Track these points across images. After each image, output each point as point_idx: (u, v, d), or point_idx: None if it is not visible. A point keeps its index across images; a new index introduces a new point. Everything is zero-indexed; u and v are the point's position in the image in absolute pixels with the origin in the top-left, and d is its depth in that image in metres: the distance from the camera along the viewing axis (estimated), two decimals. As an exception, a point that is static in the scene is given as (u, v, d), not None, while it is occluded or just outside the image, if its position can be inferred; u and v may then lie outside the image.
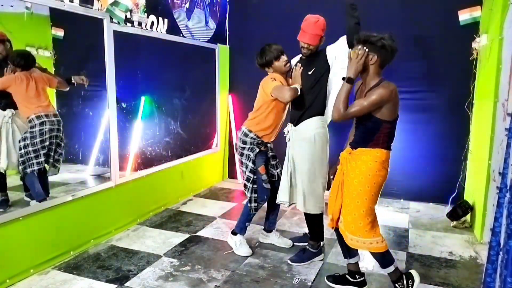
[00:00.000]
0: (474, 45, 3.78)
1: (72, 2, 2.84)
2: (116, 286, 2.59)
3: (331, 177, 2.68)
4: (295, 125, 2.88)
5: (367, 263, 2.97)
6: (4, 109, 2.98)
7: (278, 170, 3.14)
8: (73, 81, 3.23)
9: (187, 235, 3.42)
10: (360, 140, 2.36)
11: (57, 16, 3.20)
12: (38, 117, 3.01)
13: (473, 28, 3.82)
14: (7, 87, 2.92)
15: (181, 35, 4.22)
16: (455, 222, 3.67)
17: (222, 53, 4.96)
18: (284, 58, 2.95)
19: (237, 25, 5.05)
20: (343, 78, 2.28)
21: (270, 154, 3.12)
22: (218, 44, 4.88)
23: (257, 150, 2.99)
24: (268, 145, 3.09)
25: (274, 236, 3.28)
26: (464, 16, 3.84)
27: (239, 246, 3.11)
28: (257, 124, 2.98)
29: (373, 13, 4.36)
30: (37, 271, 2.72)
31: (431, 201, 4.34)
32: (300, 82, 2.83)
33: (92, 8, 3.01)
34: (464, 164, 4.04)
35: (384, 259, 2.39)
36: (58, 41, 3.32)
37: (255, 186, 3.01)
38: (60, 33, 3.37)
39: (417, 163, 4.35)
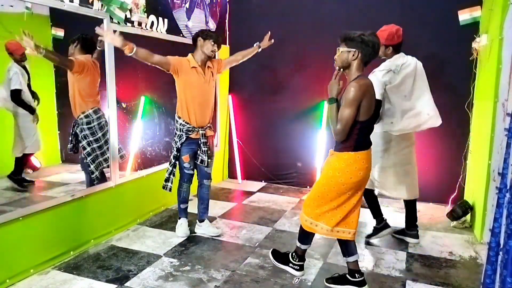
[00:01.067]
0: (474, 45, 3.78)
1: (72, 2, 2.84)
2: (116, 286, 2.59)
3: None
4: None
5: (367, 263, 2.97)
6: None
7: (207, 159, 3.24)
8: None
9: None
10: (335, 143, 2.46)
11: (57, 16, 3.20)
12: (95, 111, 3.16)
13: (473, 28, 3.82)
14: (82, 70, 3.04)
15: (181, 35, 4.22)
16: (455, 222, 3.67)
17: (222, 53, 4.96)
18: (215, 46, 3.12)
19: (237, 25, 5.05)
20: (330, 100, 2.37)
21: (202, 140, 3.20)
22: (218, 44, 4.87)
23: (184, 138, 3.15)
24: (201, 131, 3.17)
25: (205, 225, 3.44)
26: (464, 16, 3.84)
27: (178, 227, 3.41)
28: (179, 107, 3.17)
29: (373, 13, 4.36)
30: (37, 271, 2.72)
31: (431, 201, 4.34)
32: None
33: (92, 8, 3.01)
34: (464, 164, 4.04)
35: (304, 236, 2.63)
36: (58, 41, 3.32)
37: (174, 169, 3.25)
38: (60, 33, 3.37)
39: (417, 163, 4.34)
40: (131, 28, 3.43)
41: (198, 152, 3.23)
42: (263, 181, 5.11)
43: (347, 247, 2.54)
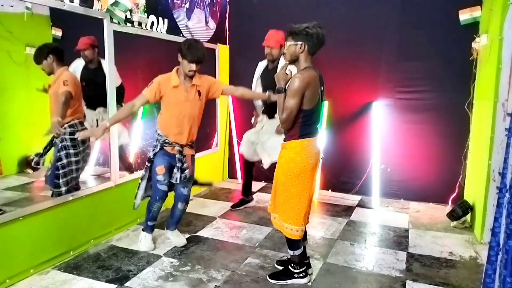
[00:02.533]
0: (474, 45, 3.78)
1: (72, 2, 2.84)
2: (116, 286, 2.59)
3: None
4: (269, 117, 3.59)
5: (367, 263, 2.97)
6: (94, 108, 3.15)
7: (181, 175, 2.90)
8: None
9: (187, 235, 3.41)
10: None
11: (57, 16, 3.20)
12: (81, 123, 3.13)
13: (473, 28, 3.82)
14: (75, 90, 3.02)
15: (181, 35, 4.22)
16: (455, 222, 3.67)
17: (222, 53, 4.96)
18: (192, 66, 2.81)
19: (237, 25, 5.05)
20: (277, 90, 2.43)
21: (178, 157, 2.91)
22: (218, 44, 4.88)
23: (158, 149, 2.94)
24: (176, 147, 2.91)
25: (174, 234, 3.25)
26: (464, 16, 3.85)
27: (141, 239, 3.15)
28: (159, 119, 3.01)
29: (373, 13, 4.37)
30: (37, 271, 2.72)
31: (431, 201, 4.34)
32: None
33: (92, 8, 3.01)
34: (464, 164, 4.04)
35: (292, 244, 2.58)
36: (58, 41, 3.32)
37: (144, 183, 3.02)
38: (58, 33, 3.37)
39: (417, 163, 4.35)
40: (131, 28, 3.43)
41: (174, 170, 2.92)
42: (263, 181, 5.10)
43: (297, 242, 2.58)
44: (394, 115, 4.36)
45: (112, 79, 3.27)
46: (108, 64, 3.22)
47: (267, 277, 2.70)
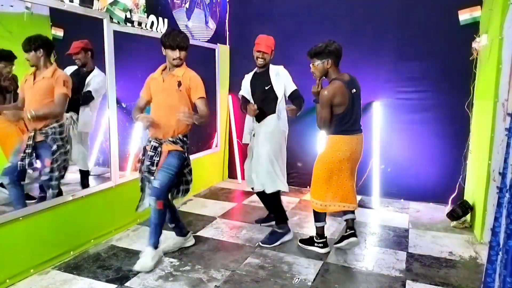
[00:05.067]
0: (474, 45, 3.78)
1: (72, 2, 2.84)
2: (116, 286, 2.59)
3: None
4: (258, 122, 3.32)
5: (367, 263, 2.97)
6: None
7: (148, 174, 2.83)
8: None
9: (187, 235, 3.41)
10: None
11: (57, 16, 3.20)
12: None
13: (473, 28, 3.82)
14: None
15: (181, 35, 4.21)
16: (455, 222, 3.67)
17: (222, 53, 4.96)
18: (175, 53, 2.77)
19: (237, 25, 5.06)
20: (314, 101, 2.94)
21: (150, 153, 2.82)
22: (218, 44, 4.88)
23: (143, 150, 2.93)
24: (154, 143, 2.83)
25: (145, 252, 2.88)
26: (464, 16, 3.84)
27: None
28: None
29: (373, 13, 4.37)
30: (37, 271, 2.72)
31: (431, 201, 4.34)
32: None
33: (92, 8, 3.01)
34: (464, 164, 4.04)
35: (315, 215, 3.10)
36: (58, 41, 3.32)
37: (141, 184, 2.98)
38: (60, 33, 3.37)
39: (417, 163, 4.35)
40: (131, 28, 3.43)
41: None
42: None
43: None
44: (394, 115, 4.36)
45: (112, 79, 3.27)
46: (108, 64, 3.22)
47: (298, 241, 3.24)
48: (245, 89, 3.44)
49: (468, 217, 3.68)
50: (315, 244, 3.14)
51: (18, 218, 2.59)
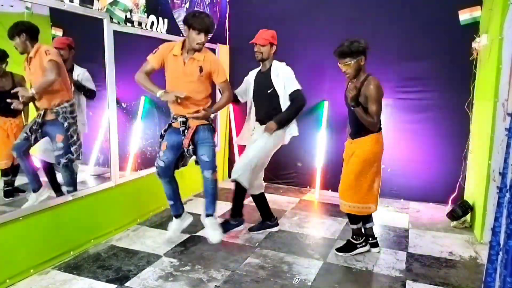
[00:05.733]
0: (474, 45, 3.78)
1: (72, 2, 2.84)
2: (116, 286, 2.59)
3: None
4: (261, 124, 3.33)
5: (367, 263, 2.97)
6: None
7: (188, 149, 2.94)
8: None
9: (187, 235, 3.41)
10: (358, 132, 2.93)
11: (57, 16, 3.20)
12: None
13: (473, 28, 3.82)
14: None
15: (181, 35, 4.21)
16: (455, 222, 3.67)
17: (222, 53, 4.96)
18: (201, 37, 2.75)
19: (237, 25, 5.05)
20: (353, 106, 2.80)
21: (181, 129, 2.93)
22: (218, 44, 4.88)
23: (167, 126, 3.02)
24: (180, 119, 2.91)
25: (208, 223, 3.10)
26: (464, 16, 3.84)
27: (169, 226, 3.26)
28: None
29: (373, 13, 4.37)
30: (37, 271, 2.72)
31: (431, 201, 4.34)
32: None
33: (92, 8, 3.01)
34: (464, 164, 4.04)
35: (352, 218, 3.08)
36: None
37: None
38: (60, 33, 3.37)
39: (417, 163, 4.35)
40: (131, 28, 3.43)
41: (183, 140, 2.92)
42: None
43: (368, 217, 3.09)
44: (394, 115, 4.36)
45: (112, 79, 3.27)
46: (108, 64, 3.22)
47: (335, 250, 3.11)
48: (245, 87, 3.47)
49: (468, 217, 3.68)
50: (358, 247, 3.09)
51: (18, 218, 2.59)
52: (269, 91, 3.25)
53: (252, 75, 3.45)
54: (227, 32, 5.11)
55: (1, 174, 3.22)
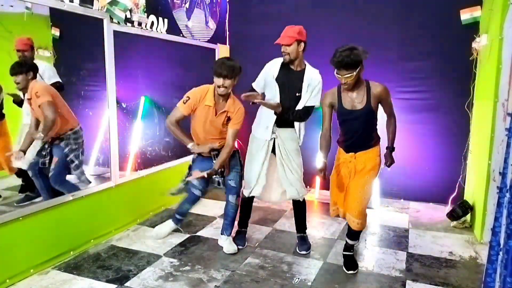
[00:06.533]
0: (474, 45, 3.78)
1: (72, 2, 2.84)
2: (116, 286, 2.59)
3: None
4: (278, 127, 3.13)
5: (367, 263, 2.97)
6: None
7: (220, 179, 3.08)
8: None
9: (187, 235, 3.41)
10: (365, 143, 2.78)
11: (57, 16, 3.19)
12: (81, 128, 3.20)
13: (473, 28, 3.82)
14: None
15: (181, 35, 4.22)
16: (455, 222, 3.67)
17: (222, 53, 4.96)
18: (219, 80, 2.79)
19: (237, 25, 5.05)
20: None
21: (213, 153, 3.03)
22: (218, 44, 4.88)
23: (196, 155, 3.11)
24: (213, 152, 3.02)
25: (223, 239, 3.18)
26: (465, 15, 3.85)
27: (164, 224, 3.40)
28: (191, 125, 3.08)
29: (373, 13, 4.37)
30: (37, 271, 2.72)
31: (431, 201, 4.34)
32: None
33: (92, 8, 3.01)
34: (464, 164, 4.04)
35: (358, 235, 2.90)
36: (58, 41, 3.31)
37: (184, 184, 3.14)
38: (57, 32, 3.36)
39: (417, 163, 4.35)
40: (131, 28, 3.43)
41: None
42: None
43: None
44: (394, 115, 4.36)
45: (112, 79, 3.27)
46: (108, 64, 3.22)
47: (346, 270, 2.85)
48: (263, 85, 3.11)
49: (468, 217, 3.68)
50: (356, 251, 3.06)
51: (18, 218, 2.59)
52: (297, 94, 2.99)
53: (274, 69, 3.03)
54: (227, 32, 5.11)
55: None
